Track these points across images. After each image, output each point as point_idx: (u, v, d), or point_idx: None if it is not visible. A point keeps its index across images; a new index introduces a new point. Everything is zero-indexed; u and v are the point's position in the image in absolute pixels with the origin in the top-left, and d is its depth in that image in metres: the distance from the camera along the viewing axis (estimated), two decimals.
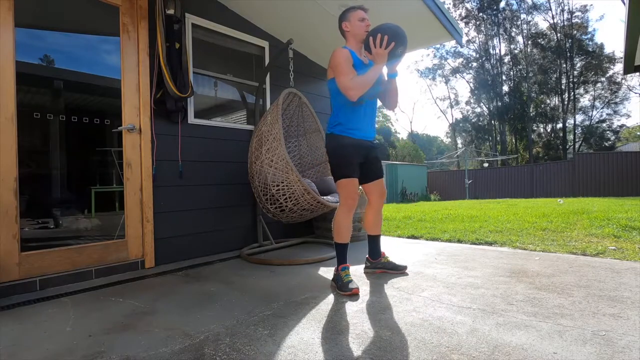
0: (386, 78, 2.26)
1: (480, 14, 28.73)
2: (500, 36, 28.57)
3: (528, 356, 1.25)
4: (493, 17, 28.47)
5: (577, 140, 26.94)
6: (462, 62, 31.24)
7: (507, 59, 28.70)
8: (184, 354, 1.35)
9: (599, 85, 25.94)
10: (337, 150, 2.18)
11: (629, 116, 40.88)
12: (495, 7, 28.02)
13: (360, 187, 2.31)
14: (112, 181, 2.79)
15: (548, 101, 28.03)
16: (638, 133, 29.52)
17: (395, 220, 5.32)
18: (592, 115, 26.66)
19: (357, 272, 2.44)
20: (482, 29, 29.04)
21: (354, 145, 2.17)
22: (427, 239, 3.78)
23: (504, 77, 28.71)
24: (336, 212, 2.22)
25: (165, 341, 1.47)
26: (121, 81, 2.64)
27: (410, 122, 51.20)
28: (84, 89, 2.75)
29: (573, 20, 25.95)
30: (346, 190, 2.16)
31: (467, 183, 16.42)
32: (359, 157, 2.20)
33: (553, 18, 26.66)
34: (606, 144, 26.15)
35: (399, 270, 2.42)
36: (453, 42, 5.37)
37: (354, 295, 1.98)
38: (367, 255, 2.51)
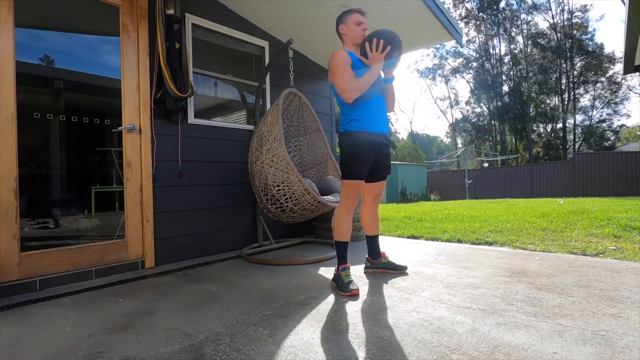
0: (383, 83, 2.26)
1: (480, 14, 28.73)
2: (500, 36, 28.58)
3: (528, 356, 1.25)
4: (493, 17, 28.47)
5: (577, 140, 26.94)
6: (462, 62, 31.26)
7: (507, 59, 28.71)
8: (184, 354, 1.35)
9: (599, 85, 25.95)
10: (352, 148, 2.14)
11: (629, 116, 40.88)
12: (495, 7, 28.01)
13: None
14: (112, 181, 2.79)
15: (548, 101, 28.03)
16: (638, 133, 29.51)
17: (395, 220, 5.32)
18: (592, 115, 26.67)
19: (357, 272, 2.44)
20: (482, 29, 29.04)
21: (369, 142, 2.15)
22: (427, 239, 3.78)
23: (504, 77, 28.71)
24: (336, 211, 2.22)
25: (165, 341, 1.47)
26: (121, 81, 2.64)
27: (410, 122, 51.20)
28: (84, 89, 2.75)
29: (573, 20, 25.95)
30: (350, 191, 2.16)
31: (467, 183, 16.42)
32: (373, 155, 2.18)
33: (553, 18, 26.67)
34: (606, 144, 26.15)
35: (399, 270, 2.42)
36: (453, 42, 5.37)
37: (354, 295, 1.98)
38: (367, 256, 2.51)
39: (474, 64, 30.46)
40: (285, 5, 3.25)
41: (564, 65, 26.14)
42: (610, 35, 55.63)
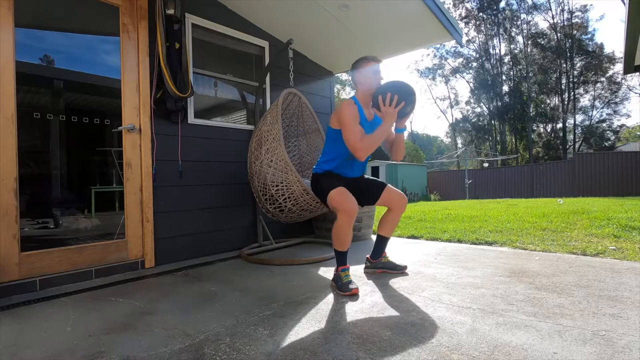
0: (394, 132, 2.27)
1: (480, 14, 28.74)
2: (500, 36, 28.59)
3: (528, 356, 1.25)
4: (493, 17, 28.48)
5: (577, 140, 26.95)
6: (462, 62, 31.28)
7: (507, 59, 28.72)
8: (184, 354, 1.35)
9: (599, 85, 25.96)
10: (319, 179, 2.26)
11: (629, 116, 40.91)
12: (495, 7, 28.03)
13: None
14: (112, 181, 2.79)
15: (548, 101, 28.04)
16: (638, 133, 29.51)
17: None
18: (592, 115, 26.69)
19: (357, 272, 2.44)
20: (482, 29, 29.05)
21: (338, 176, 2.25)
22: (427, 239, 3.78)
23: (504, 77, 28.72)
24: (336, 221, 2.09)
25: (165, 341, 1.47)
26: (121, 81, 2.64)
27: (410, 122, 51.05)
28: (84, 89, 2.75)
29: (573, 20, 25.97)
30: (339, 201, 2.05)
31: (467, 183, 16.42)
32: (345, 183, 2.19)
33: (553, 18, 26.69)
34: (606, 144, 26.15)
35: (399, 270, 2.42)
36: (453, 42, 5.37)
37: (353, 295, 1.98)
38: (368, 255, 2.51)
39: (474, 64, 30.47)
40: (285, 5, 3.25)
41: (564, 65, 26.15)
42: (610, 35, 55.73)
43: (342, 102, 2.19)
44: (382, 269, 2.45)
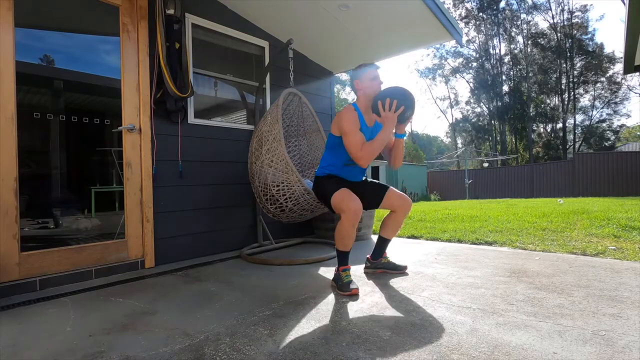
0: (393, 138, 2.27)
1: (480, 14, 28.73)
2: (500, 36, 28.59)
3: (528, 356, 1.25)
4: (493, 17, 28.47)
5: (577, 140, 26.94)
6: (462, 62, 31.26)
7: (507, 59, 28.71)
8: (184, 354, 1.35)
9: (599, 85, 25.96)
10: (322, 181, 2.27)
11: (629, 116, 40.90)
12: (495, 7, 28.02)
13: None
14: (112, 181, 2.79)
15: (548, 101, 28.04)
16: (638, 133, 29.52)
17: None
18: (592, 115, 26.69)
19: (357, 272, 2.44)
20: (482, 29, 29.04)
21: (340, 179, 2.26)
22: (427, 239, 3.78)
23: (504, 77, 28.72)
24: (340, 221, 2.09)
25: (165, 341, 1.47)
26: (121, 81, 2.64)
27: (411, 123, 50.93)
28: (84, 89, 2.75)
29: (573, 20, 25.96)
30: (342, 200, 2.06)
31: (467, 183, 16.42)
32: (348, 186, 2.20)
33: (553, 18, 26.68)
34: (606, 144, 26.15)
35: (399, 270, 2.42)
36: (453, 42, 5.37)
37: (353, 295, 1.98)
38: (368, 255, 2.51)
39: (474, 64, 30.47)
40: (285, 5, 3.25)
41: (564, 65, 26.14)
42: (610, 35, 55.69)
43: (343, 108, 2.19)
44: (382, 269, 2.45)
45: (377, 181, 2.43)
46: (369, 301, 1.89)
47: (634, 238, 3.21)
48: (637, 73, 5.88)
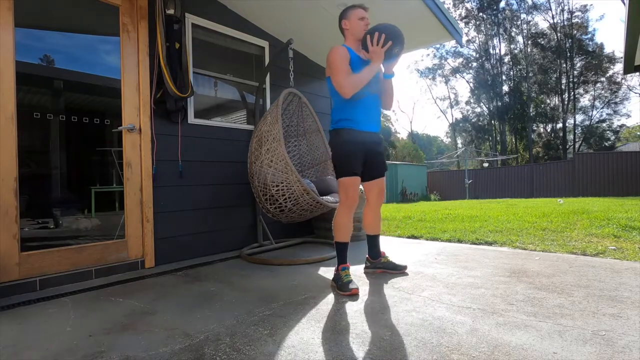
0: (383, 78, 2.25)
1: (480, 14, 28.73)
2: (500, 36, 28.58)
3: (528, 356, 1.25)
4: (493, 17, 28.47)
5: (577, 140, 26.94)
6: (462, 62, 31.26)
7: (507, 59, 28.71)
8: (184, 354, 1.35)
9: (599, 85, 25.95)
10: (342, 146, 2.16)
11: (629, 116, 40.91)
12: (495, 7, 28.02)
13: (360, 185, 2.28)
14: (112, 181, 2.79)
15: (548, 101, 28.03)
16: (638, 133, 29.52)
17: (396, 220, 5.32)
18: (592, 115, 26.68)
19: (357, 272, 2.44)
20: (482, 29, 29.04)
21: (358, 140, 2.16)
22: (427, 239, 3.78)
23: (504, 77, 28.71)
24: (336, 211, 2.21)
25: (165, 341, 1.47)
26: (121, 81, 2.64)
27: (410, 122, 51.15)
28: (84, 89, 2.75)
29: (573, 20, 25.95)
30: (348, 189, 2.15)
31: (467, 183, 16.42)
32: (364, 152, 2.18)
33: (553, 18, 26.67)
34: (606, 144, 26.15)
35: (399, 270, 2.42)
36: (453, 42, 5.37)
37: (353, 295, 1.98)
38: (367, 255, 2.51)
39: (474, 64, 30.47)
40: (285, 5, 3.25)
41: (564, 65, 26.14)
42: (610, 35, 55.68)
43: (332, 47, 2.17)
44: (382, 269, 2.45)
45: (385, 162, 2.38)
46: (369, 301, 1.89)
47: (634, 238, 3.21)
48: (637, 73, 5.88)
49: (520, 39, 28.22)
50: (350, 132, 2.15)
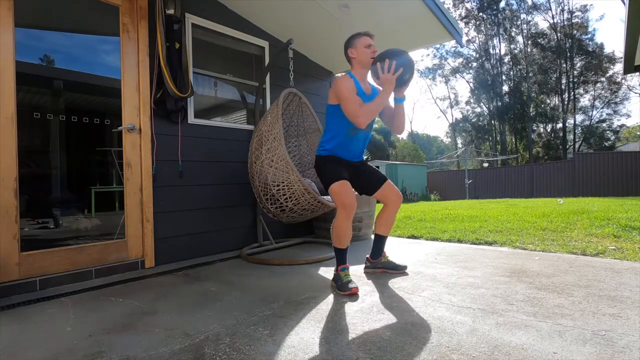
0: (393, 103, 2.26)
1: (480, 14, 28.74)
2: (500, 36, 28.59)
3: (528, 356, 1.25)
4: (493, 17, 28.48)
5: (577, 140, 26.94)
6: (462, 62, 31.28)
7: (507, 59, 28.72)
8: (184, 354, 1.35)
9: (599, 85, 25.96)
10: (324, 163, 2.24)
11: (629, 116, 40.97)
12: (495, 7, 28.02)
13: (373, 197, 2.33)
14: (112, 181, 2.79)
15: (548, 101, 28.04)
16: (638, 133, 29.53)
17: (396, 220, 5.31)
18: (592, 115, 26.69)
19: (357, 272, 2.44)
20: (482, 29, 29.05)
21: (341, 161, 2.24)
22: (427, 239, 3.78)
23: (504, 77, 28.72)
24: (336, 217, 2.15)
25: (165, 341, 1.47)
26: (121, 81, 2.64)
27: (410, 122, 51.04)
28: (84, 89, 2.75)
29: (573, 20, 25.96)
30: (339, 194, 2.10)
31: (467, 183, 16.42)
32: (348, 169, 2.22)
33: (553, 18, 26.68)
34: (606, 144, 26.15)
35: (399, 270, 2.42)
36: (453, 42, 5.37)
37: (353, 295, 1.98)
38: (368, 255, 2.51)
39: (474, 64, 30.47)
40: (285, 5, 3.25)
41: (564, 65, 26.14)
42: (610, 35, 55.73)
43: (338, 77, 2.18)
44: (382, 269, 2.45)
45: (378, 170, 2.42)
46: (369, 301, 1.89)
47: (634, 238, 3.21)
48: (637, 73, 5.88)
49: (520, 39, 28.25)
50: (333, 157, 2.25)
